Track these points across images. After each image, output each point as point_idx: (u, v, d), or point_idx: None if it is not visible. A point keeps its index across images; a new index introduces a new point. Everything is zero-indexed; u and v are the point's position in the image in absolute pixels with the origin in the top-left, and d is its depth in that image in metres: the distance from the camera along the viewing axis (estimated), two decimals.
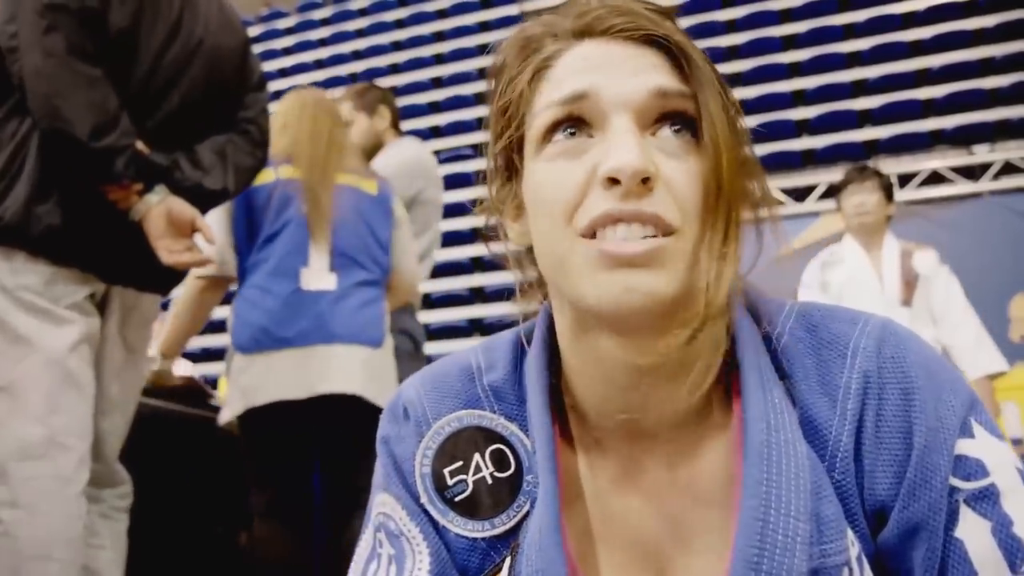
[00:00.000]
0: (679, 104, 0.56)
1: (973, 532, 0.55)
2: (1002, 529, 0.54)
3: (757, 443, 0.54)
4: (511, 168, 0.63)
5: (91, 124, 1.42)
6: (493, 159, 0.65)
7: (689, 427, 0.61)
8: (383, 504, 0.66)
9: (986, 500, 0.55)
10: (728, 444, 0.59)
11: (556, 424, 0.62)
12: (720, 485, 0.59)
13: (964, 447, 0.56)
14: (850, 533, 0.56)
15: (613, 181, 0.53)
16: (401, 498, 0.65)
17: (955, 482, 0.55)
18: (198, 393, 2.47)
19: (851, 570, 0.55)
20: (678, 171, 0.55)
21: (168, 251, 1.52)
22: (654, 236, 0.53)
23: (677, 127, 0.56)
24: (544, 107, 0.58)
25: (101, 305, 1.56)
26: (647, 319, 0.54)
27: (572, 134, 0.57)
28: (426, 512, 0.64)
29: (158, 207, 1.51)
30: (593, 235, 0.54)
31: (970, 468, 0.56)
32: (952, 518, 0.55)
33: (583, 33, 0.58)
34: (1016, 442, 4.14)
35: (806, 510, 0.53)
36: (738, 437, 0.57)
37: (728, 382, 0.61)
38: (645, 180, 0.53)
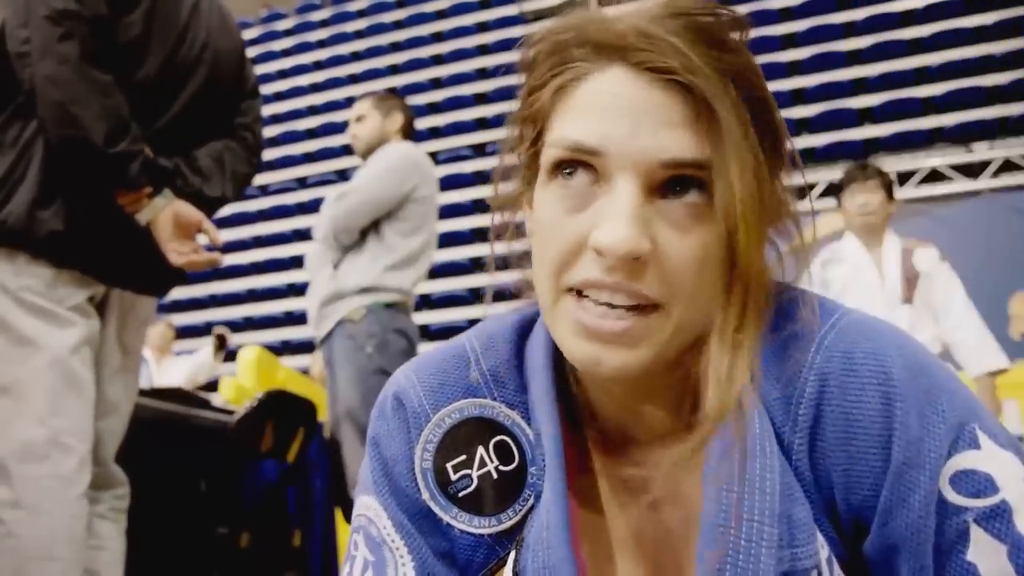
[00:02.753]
0: (693, 172, 0.52)
1: (987, 556, 0.50)
2: (1019, 553, 0.50)
3: (718, 448, 0.53)
4: (531, 169, 0.60)
5: (106, 130, 1.42)
6: (516, 156, 0.62)
7: (683, 435, 0.59)
8: (367, 507, 0.64)
9: (998, 519, 0.51)
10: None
11: (562, 422, 0.60)
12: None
13: (970, 460, 0.51)
14: (819, 536, 0.54)
15: (602, 253, 0.51)
16: (388, 507, 0.63)
17: (963, 500, 0.51)
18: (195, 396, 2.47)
19: (820, 573, 0.52)
20: (677, 244, 0.52)
21: (177, 253, 1.53)
22: (634, 308, 0.52)
23: (688, 193, 0.52)
24: (555, 141, 0.55)
25: (100, 307, 1.57)
26: (618, 383, 0.56)
27: (570, 174, 0.54)
28: (422, 513, 0.62)
29: (166, 211, 1.52)
30: (579, 292, 0.54)
31: (979, 484, 0.51)
32: (962, 540, 0.51)
33: (614, 56, 0.53)
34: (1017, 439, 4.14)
35: (772, 513, 0.51)
36: None
37: None
38: (636, 258, 0.51)
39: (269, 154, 9.82)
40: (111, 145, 1.43)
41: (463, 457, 0.62)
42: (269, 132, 10.01)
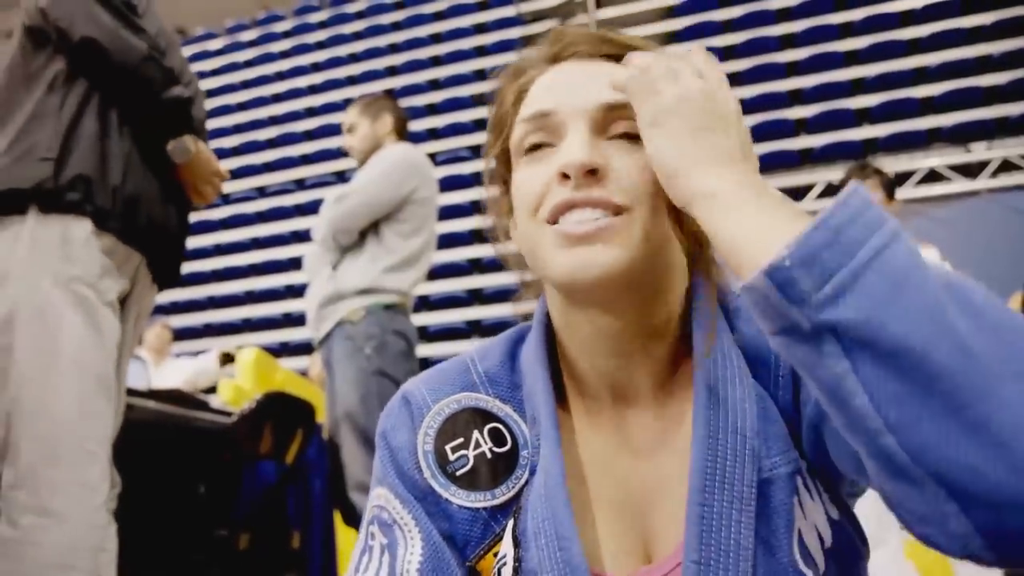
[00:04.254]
0: (630, 114, 0.63)
1: None
2: None
3: (701, 376, 0.63)
4: (506, 178, 0.72)
5: (137, 57, 1.53)
6: (491, 171, 0.74)
7: (667, 388, 0.68)
8: (378, 497, 0.71)
9: None
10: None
11: (553, 389, 0.68)
12: (689, 434, 0.65)
13: None
14: (795, 451, 0.63)
15: (565, 176, 0.62)
16: (395, 488, 0.69)
17: None
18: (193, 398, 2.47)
19: (804, 478, 0.62)
20: (628, 162, 0.63)
21: (213, 187, 1.69)
22: (606, 217, 0.61)
23: (629, 133, 0.64)
24: (518, 123, 0.68)
25: (120, 306, 1.58)
26: (605, 290, 0.62)
27: (539, 146, 0.66)
28: (425, 494, 0.68)
29: (197, 153, 1.64)
30: (555, 222, 0.63)
31: None
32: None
33: (555, 58, 0.69)
34: None
35: (753, 428, 0.61)
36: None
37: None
38: (594, 172, 0.62)
39: (267, 156, 9.81)
40: (141, 74, 1.53)
41: (460, 440, 0.69)
42: (267, 134, 10.00)
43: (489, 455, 0.68)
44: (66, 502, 1.35)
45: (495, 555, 0.66)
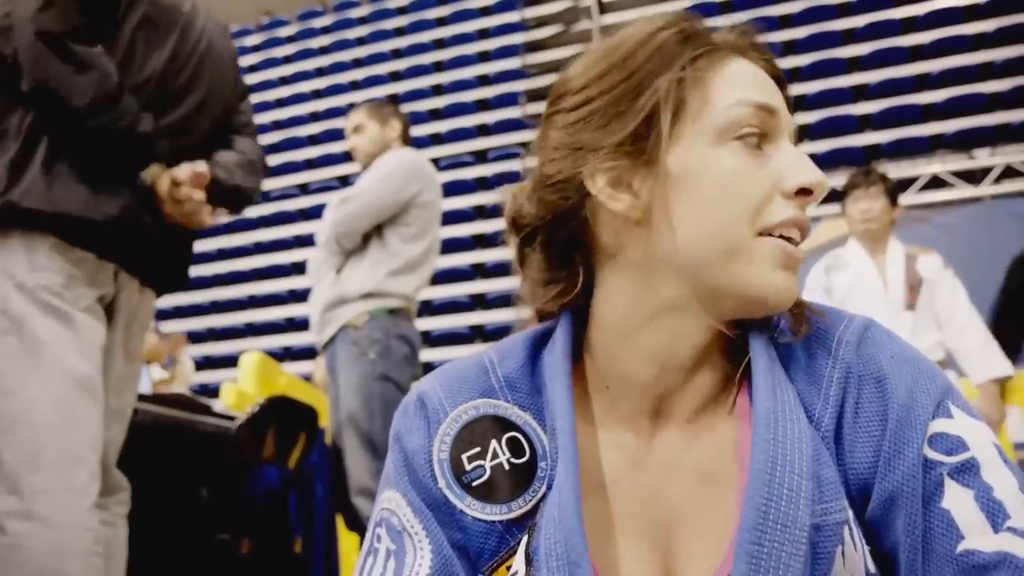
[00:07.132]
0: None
1: (957, 501, 0.59)
2: (983, 495, 0.59)
3: (764, 409, 0.60)
4: (641, 141, 0.62)
5: (86, 103, 1.44)
6: (609, 126, 0.64)
7: (704, 408, 0.67)
8: (388, 500, 0.68)
9: (967, 472, 0.60)
10: (736, 422, 0.65)
11: (575, 406, 0.66)
12: (725, 463, 0.64)
13: (944, 426, 0.62)
14: (844, 498, 0.61)
15: (805, 192, 0.63)
16: (407, 494, 0.67)
17: (938, 456, 0.61)
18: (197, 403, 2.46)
19: (851, 529, 0.60)
20: None
21: (181, 212, 1.58)
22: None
23: None
24: (734, 103, 0.62)
25: (107, 312, 1.56)
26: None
27: (750, 136, 0.63)
28: (439, 503, 0.66)
29: (164, 174, 1.57)
30: (768, 234, 0.62)
31: (951, 444, 0.61)
32: (938, 491, 0.60)
33: (743, 50, 0.66)
34: (1020, 446, 4.11)
35: (808, 469, 0.58)
36: (746, 410, 0.65)
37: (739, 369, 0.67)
38: None
39: (271, 160, 9.80)
40: (94, 117, 1.44)
41: (477, 449, 0.67)
42: (271, 138, 10.01)
43: (507, 466, 0.66)
44: (52, 507, 1.34)
45: (508, 568, 0.64)
